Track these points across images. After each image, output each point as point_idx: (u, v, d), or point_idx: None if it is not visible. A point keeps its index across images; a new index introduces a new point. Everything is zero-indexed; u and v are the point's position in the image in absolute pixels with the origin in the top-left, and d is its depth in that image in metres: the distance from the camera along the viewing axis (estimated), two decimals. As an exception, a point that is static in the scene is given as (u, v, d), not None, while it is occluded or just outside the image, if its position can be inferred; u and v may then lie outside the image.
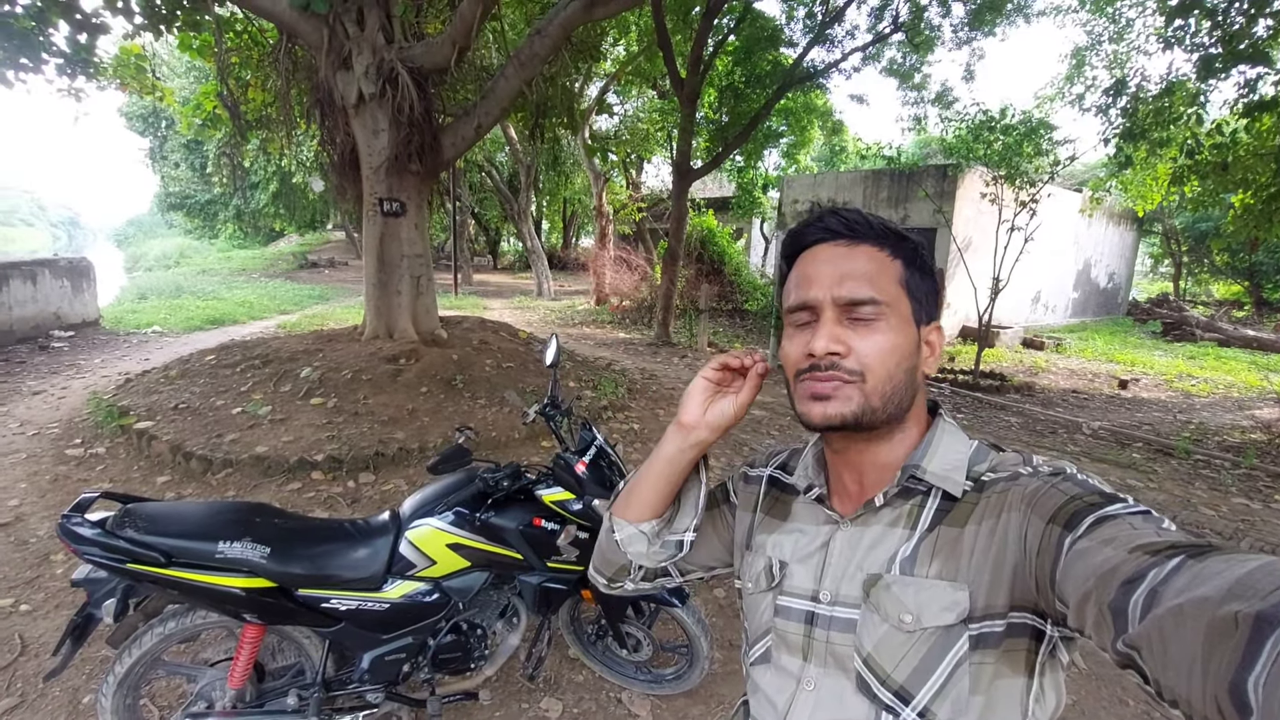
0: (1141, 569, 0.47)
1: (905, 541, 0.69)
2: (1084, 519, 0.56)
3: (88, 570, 1.61)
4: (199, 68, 17.60)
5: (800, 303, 0.73)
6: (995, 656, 0.63)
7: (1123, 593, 0.47)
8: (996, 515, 0.65)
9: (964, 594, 0.64)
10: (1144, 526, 0.53)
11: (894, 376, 0.70)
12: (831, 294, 0.70)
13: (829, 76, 10.78)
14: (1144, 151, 7.77)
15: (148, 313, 10.58)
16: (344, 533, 1.83)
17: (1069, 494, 0.60)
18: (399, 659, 1.85)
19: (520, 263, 26.44)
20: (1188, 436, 6.00)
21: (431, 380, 5.17)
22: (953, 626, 0.63)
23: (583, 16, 5.63)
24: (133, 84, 8.63)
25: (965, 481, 0.69)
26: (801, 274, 0.74)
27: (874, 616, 0.68)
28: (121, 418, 4.50)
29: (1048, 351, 11.12)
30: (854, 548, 0.73)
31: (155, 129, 26.25)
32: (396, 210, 5.77)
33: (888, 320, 0.70)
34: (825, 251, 0.73)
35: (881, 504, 0.72)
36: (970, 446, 0.73)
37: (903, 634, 0.65)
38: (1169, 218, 18.07)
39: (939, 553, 0.67)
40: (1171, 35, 6.51)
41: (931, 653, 0.64)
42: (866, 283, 0.70)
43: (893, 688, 0.66)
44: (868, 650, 0.68)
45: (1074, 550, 0.55)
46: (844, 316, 0.70)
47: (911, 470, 0.71)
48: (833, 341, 0.69)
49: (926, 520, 0.69)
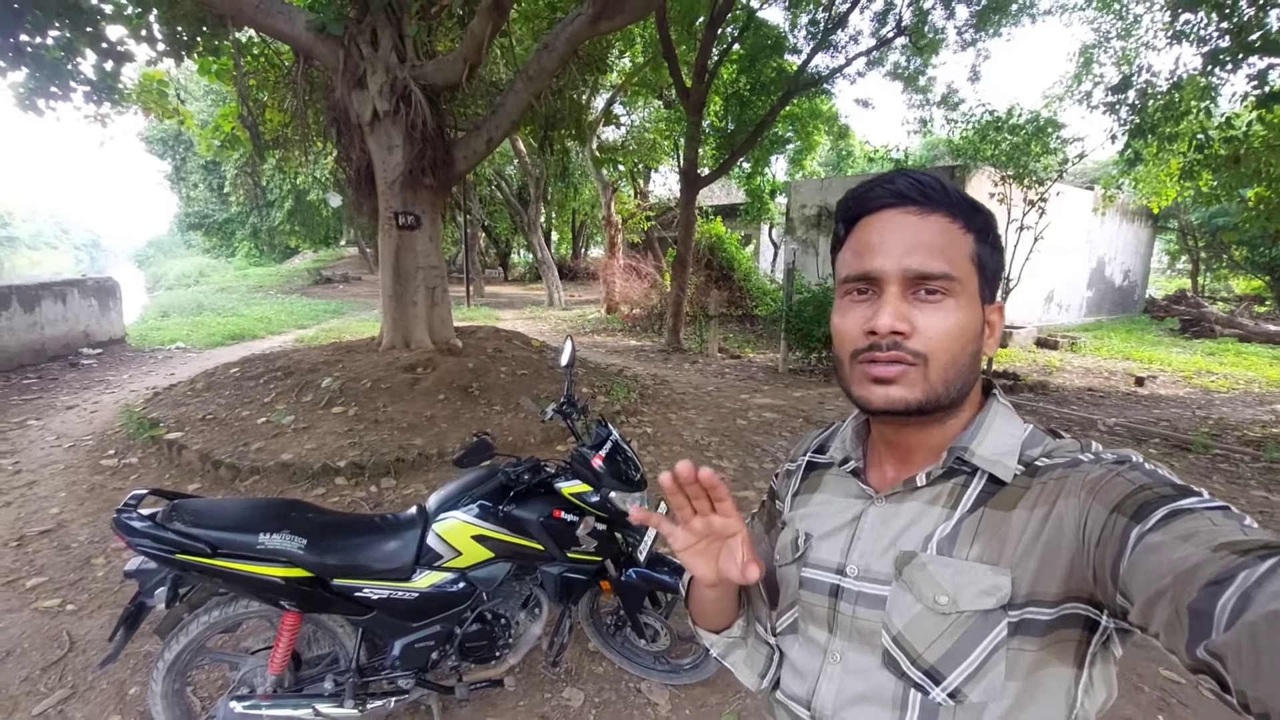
0: (1230, 569, 0.43)
1: (944, 521, 0.66)
2: (1154, 511, 0.52)
3: (139, 561, 1.72)
4: (216, 91, 18.03)
5: (861, 273, 0.67)
6: (1038, 645, 0.60)
7: (1207, 595, 0.43)
8: (1051, 502, 0.61)
9: (1006, 579, 0.61)
10: (1225, 523, 0.49)
11: (958, 360, 0.66)
12: (900, 265, 0.64)
13: (833, 82, 10.86)
14: (1154, 147, 7.77)
15: (171, 330, 10.84)
16: (374, 526, 1.92)
17: (1137, 483, 0.56)
18: (428, 646, 1.94)
19: (531, 274, 26.69)
20: (1206, 432, 5.97)
21: (448, 388, 5.29)
22: (991, 611, 0.61)
23: (589, 30, 5.77)
24: (155, 108, 8.90)
25: (1016, 466, 0.66)
26: (863, 241, 0.68)
27: (906, 595, 0.65)
28: (152, 429, 4.66)
29: (1062, 350, 11.07)
30: (887, 524, 0.70)
31: (175, 152, 26.91)
32: (411, 223, 5.92)
33: (956, 299, 0.65)
34: (893, 218, 0.66)
35: (923, 484, 0.69)
36: (1024, 430, 0.69)
37: (937, 615, 0.63)
38: (1185, 213, 17.92)
39: (981, 535, 0.64)
40: (1179, 29, 6.54)
41: (967, 636, 0.62)
42: (939, 256, 0.64)
43: (923, 667, 0.64)
44: (898, 628, 0.65)
45: (1143, 544, 0.51)
46: (909, 292, 0.65)
47: (959, 452, 0.68)
48: (898, 319, 0.64)
49: (969, 502, 0.66)
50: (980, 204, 0.69)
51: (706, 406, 6.50)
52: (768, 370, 8.77)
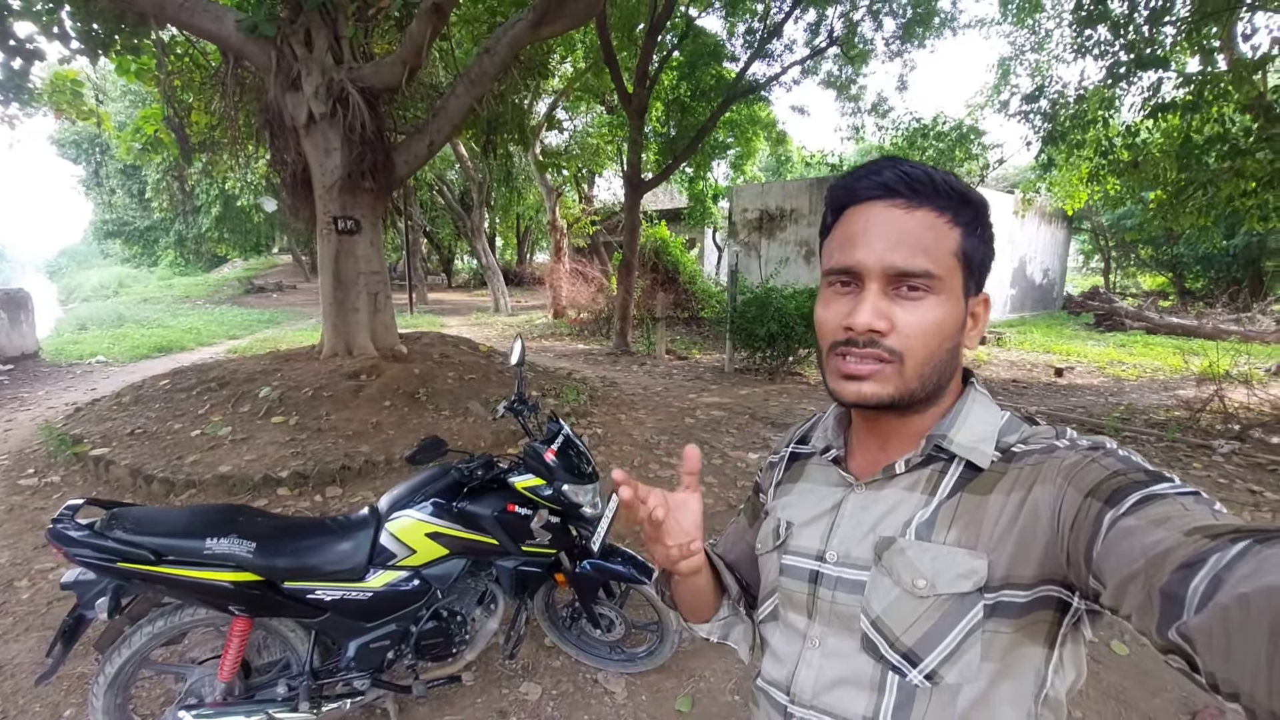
0: (1201, 553, 0.44)
1: (923, 507, 0.67)
2: (1128, 496, 0.53)
3: (78, 573, 1.67)
4: (136, 91, 17.15)
5: (844, 266, 0.67)
6: (1013, 627, 0.62)
7: (1179, 578, 0.44)
8: (1028, 487, 0.62)
9: (982, 563, 0.62)
10: (1197, 508, 0.50)
11: (935, 356, 0.66)
12: (882, 262, 0.64)
13: (771, 89, 11.19)
14: (1065, 153, 8.32)
15: (90, 343, 10.23)
16: (326, 528, 1.92)
17: (1110, 469, 0.57)
18: (383, 646, 1.94)
19: (475, 280, 26.33)
20: (1117, 416, 6.42)
21: (394, 394, 5.20)
22: (968, 594, 0.62)
23: (530, 35, 5.80)
24: (68, 109, 8.42)
25: (993, 453, 0.67)
26: (848, 233, 0.67)
27: (885, 580, 0.66)
28: (75, 445, 4.42)
29: (989, 345, 11.68)
30: (867, 511, 0.71)
31: (91, 155, 25.38)
32: (351, 228, 5.80)
33: (938, 296, 0.65)
34: (879, 211, 0.66)
35: (902, 471, 0.70)
36: (1001, 418, 0.70)
37: (915, 599, 0.64)
38: (1096, 215, 19.19)
39: (959, 520, 0.65)
40: (1082, 45, 7.04)
41: (944, 619, 0.63)
42: (922, 253, 0.64)
43: (901, 650, 0.65)
44: (876, 612, 0.66)
45: (1117, 528, 0.52)
46: (891, 288, 0.65)
47: (937, 440, 0.69)
48: (876, 316, 0.64)
49: (947, 487, 0.67)
50: (972, 193, 0.68)
51: (655, 407, 6.59)
52: (714, 370, 8.94)
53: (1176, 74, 6.53)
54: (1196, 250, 17.00)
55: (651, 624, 2.49)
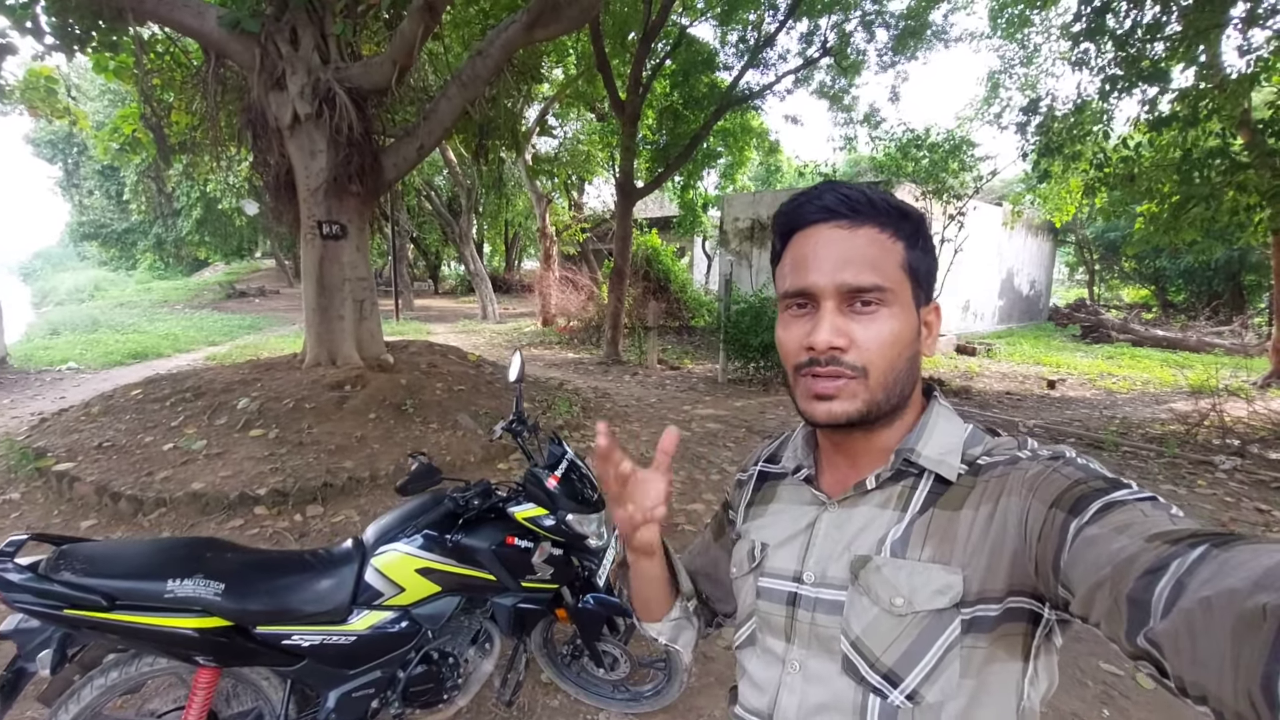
0: (1163, 559, 0.45)
1: (896, 524, 0.67)
2: (1090, 504, 0.54)
3: (18, 620, 1.47)
4: (114, 90, 16.79)
5: (798, 289, 0.68)
6: (989, 640, 0.61)
7: (1143, 584, 0.45)
8: (995, 500, 0.63)
9: (958, 578, 0.62)
10: (1155, 513, 0.51)
11: (896, 366, 0.67)
12: (833, 281, 0.66)
13: (763, 98, 11.15)
14: (1059, 166, 8.32)
15: (61, 349, 9.88)
16: (304, 564, 1.73)
17: (1071, 478, 0.58)
18: (367, 695, 1.75)
19: (462, 286, 26.07)
20: (1114, 430, 6.36)
21: (380, 406, 5.00)
22: (945, 610, 0.62)
23: (523, 38, 5.66)
24: (43, 108, 8.18)
25: (960, 465, 0.68)
26: (797, 257, 0.69)
27: (863, 599, 0.66)
28: (38, 460, 4.16)
29: (980, 357, 11.66)
30: (841, 529, 0.71)
31: (66, 155, 24.83)
32: (337, 233, 5.60)
33: (890, 308, 0.67)
34: (824, 233, 0.68)
35: (873, 486, 0.70)
36: (965, 430, 0.71)
37: (893, 617, 0.64)
38: (1082, 228, 19.37)
39: (932, 536, 0.65)
40: (1078, 58, 7.03)
41: (923, 636, 0.63)
42: (869, 269, 0.66)
43: (881, 670, 0.64)
44: (856, 633, 0.66)
45: (1081, 537, 0.53)
46: (845, 304, 0.66)
47: (905, 454, 0.69)
48: (835, 334, 0.65)
49: (918, 503, 0.68)
50: (909, 209, 0.70)
51: (650, 419, 6.43)
52: (708, 381, 8.80)
53: (1172, 89, 6.52)
54: (1179, 264, 17.20)
55: (658, 661, 2.32)
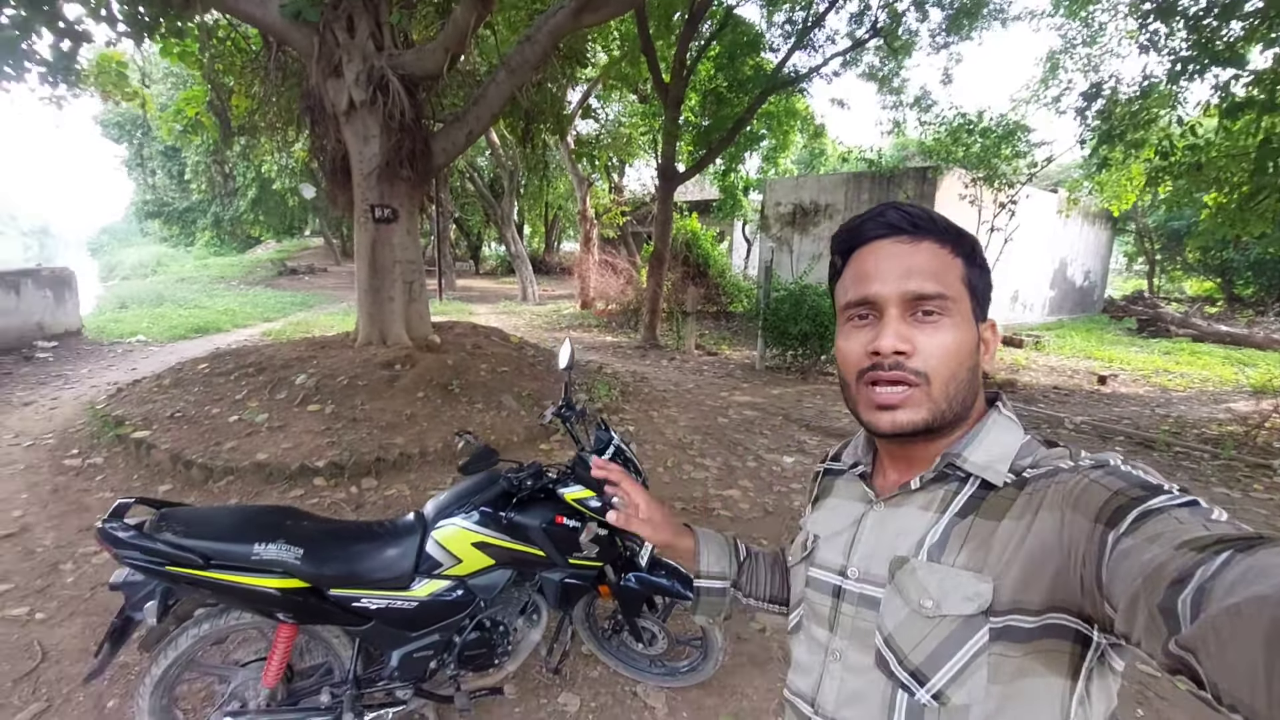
0: (1188, 567, 0.45)
1: (934, 525, 0.69)
2: (1127, 514, 0.54)
3: (125, 573, 1.65)
4: (177, 73, 17.39)
5: (861, 298, 0.71)
6: (1021, 651, 0.62)
7: (1170, 593, 0.45)
8: (1034, 513, 0.63)
9: (988, 586, 0.63)
10: (1190, 520, 0.51)
11: (958, 376, 0.69)
12: (898, 289, 0.69)
13: (810, 81, 10.94)
14: (1120, 153, 8.00)
15: (130, 322, 10.44)
16: (372, 534, 1.87)
17: (1112, 488, 0.58)
18: (427, 656, 1.89)
19: (503, 267, 26.40)
20: (1167, 430, 6.18)
21: (428, 385, 5.19)
22: (973, 617, 0.63)
23: (571, 24, 5.70)
24: (113, 91, 8.53)
25: (1007, 474, 0.68)
26: (861, 270, 0.72)
27: (897, 598, 0.68)
28: (118, 427, 4.48)
29: (1027, 349, 11.36)
30: (885, 527, 0.74)
31: (133, 136, 25.86)
32: (388, 217, 5.79)
33: (952, 318, 0.69)
34: (887, 247, 0.71)
35: (917, 487, 0.72)
36: (1020, 440, 0.72)
37: (923, 618, 0.65)
38: (1142, 216, 18.55)
39: (969, 542, 0.66)
40: (1145, 39, 6.73)
41: (950, 639, 0.64)
42: (933, 278, 0.69)
43: (909, 668, 0.66)
44: (889, 630, 0.68)
45: (1118, 549, 0.53)
46: (908, 314, 0.69)
47: (951, 458, 0.70)
48: (899, 340, 0.68)
49: (958, 505, 0.69)
50: (965, 230, 0.74)
51: (687, 404, 6.51)
52: (745, 367, 8.82)
53: (1248, 72, 6.19)
54: (1248, 256, 16.36)
55: (695, 639, 2.42)
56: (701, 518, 3.86)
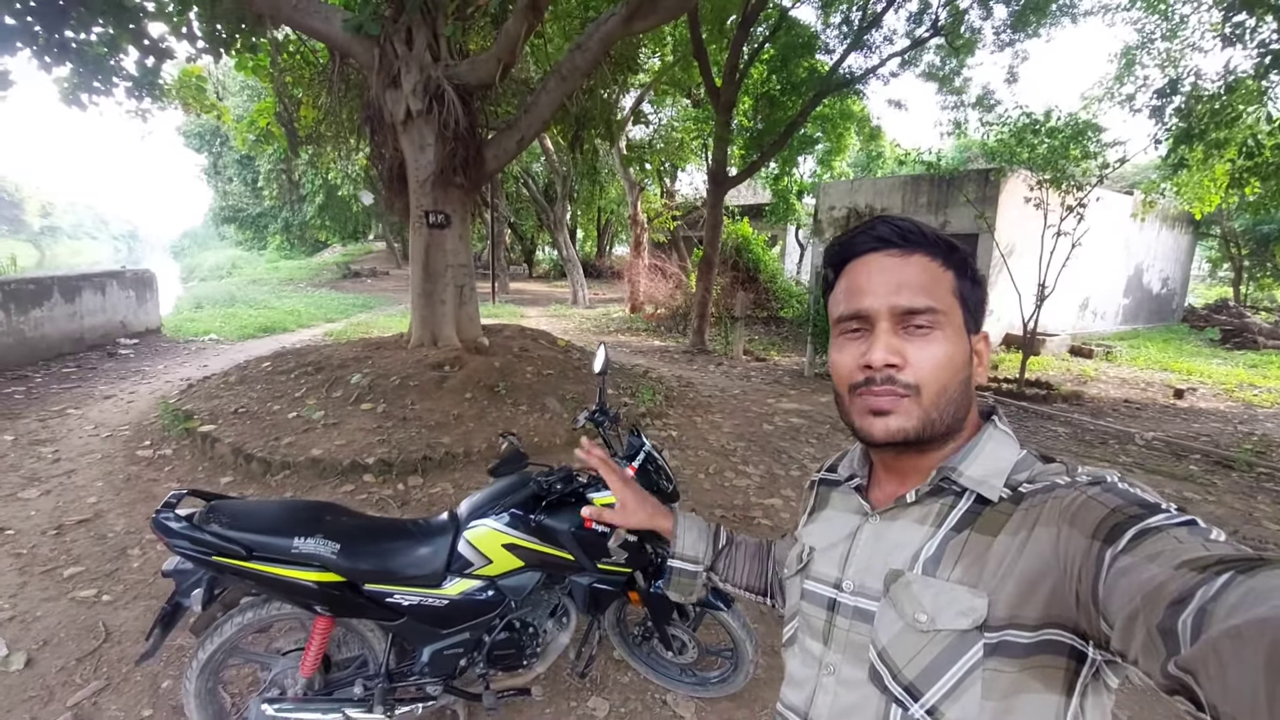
0: (1189, 588, 0.45)
1: (930, 539, 0.69)
2: (1125, 532, 0.53)
3: (176, 562, 1.74)
4: (252, 86, 18.39)
5: (853, 312, 0.72)
6: (1017, 667, 0.61)
7: (1170, 614, 0.45)
8: (1030, 528, 0.62)
9: (982, 601, 0.62)
10: (1190, 539, 0.50)
11: (949, 388, 0.69)
12: (888, 303, 0.69)
13: (866, 82, 10.68)
14: (1200, 153, 7.52)
15: (204, 321, 11.06)
16: (406, 532, 1.92)
17: (1109, 505, 0.57)
18: (456, 653, 1.93)
19: (555, 271, 26.78)
20: (1250, 449, 5.76)
21: (475, 387, 5.31)
22: (968, 632, 0.63)
23: (622, 30, 5.74)
24: (193, 104, 9.07)
25: (1003, 489, 0.67)
26: (852, 283, 0.73)
27: (891, 612, 0.68)
28: (186, 421, 4.74)
29: (1097, 360, 10.80)
30: (880, 540, 0.73)
31: (211, 146, 27.52)
32: (442, 222, 5.96)
33: (943, 330, 0.69)
34: (877, 260, 0.71)
35: (913, 501, 0.72)
36: (1017, 455, 0.71)
37: (917, 633, 0.65)
38: (1228, 220, 17.37)
39: (964, 557, 0.65)
40: (1231, 32, 6.31)
41: (944, 654, 0.63)
42: (923, 291, 0.69)
43: (903, 683, 0.66)
44: (883, 644, 0.68)
45: (1116, 567, 0.52)
46: (899, 327, 0.69)
47: (947, 472, 0.70)
48: (890, 353, 0.68)
49: (954, 520, 0.68)
50: (956, 243, 0.73)
51: (732, 410, 6.44)
52: (793, 374, 8.68)
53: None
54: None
55: (725, 650, 2.39)
56: (741, 525, 3.82)
